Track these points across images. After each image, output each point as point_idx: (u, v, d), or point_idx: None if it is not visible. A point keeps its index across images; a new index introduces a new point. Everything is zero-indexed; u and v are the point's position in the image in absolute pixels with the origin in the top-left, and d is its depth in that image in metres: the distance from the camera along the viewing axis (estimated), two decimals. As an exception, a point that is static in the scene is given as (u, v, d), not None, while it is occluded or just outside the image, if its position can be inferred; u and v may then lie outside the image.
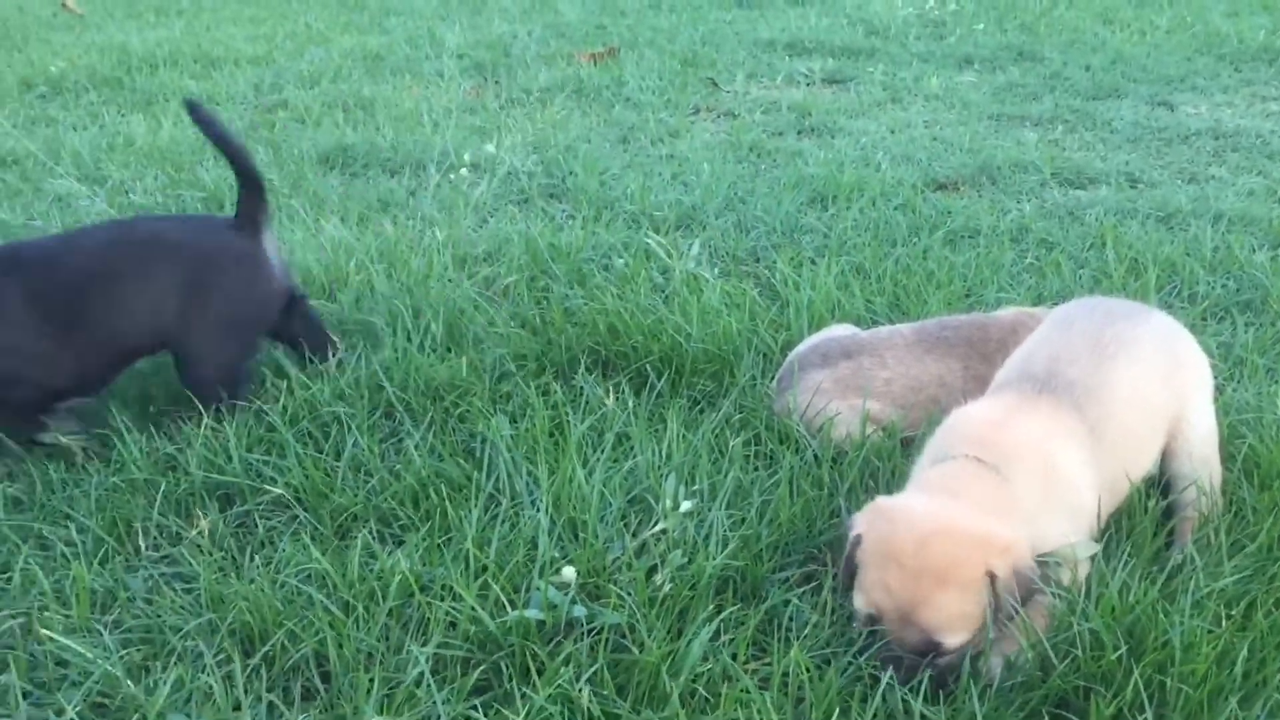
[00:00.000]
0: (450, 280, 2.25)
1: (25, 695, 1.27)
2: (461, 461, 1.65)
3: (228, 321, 1.79)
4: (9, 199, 2.90)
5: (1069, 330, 1.51)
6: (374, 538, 1.51)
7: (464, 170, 3.06)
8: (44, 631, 1.33)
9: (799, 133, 3.55)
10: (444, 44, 4.76)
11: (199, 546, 1.51)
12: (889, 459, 1.65)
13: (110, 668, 1.28)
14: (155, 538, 1.54)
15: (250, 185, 1.81)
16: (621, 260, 2.35)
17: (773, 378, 1.86)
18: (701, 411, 1.81)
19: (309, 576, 1.43)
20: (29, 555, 1.48)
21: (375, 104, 3.82)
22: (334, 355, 1.93)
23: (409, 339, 1.99)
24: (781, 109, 3.78)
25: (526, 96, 3.99)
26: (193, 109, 1.78)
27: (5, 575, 1.47)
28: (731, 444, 1.66)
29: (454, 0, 5.72)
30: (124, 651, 1.32)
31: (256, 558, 1.49)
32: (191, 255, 1.77)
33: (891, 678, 1.25)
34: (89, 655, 1.29)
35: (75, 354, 1.73)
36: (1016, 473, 1.34)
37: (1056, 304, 1.74)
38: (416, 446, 1.68)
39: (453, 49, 4.65)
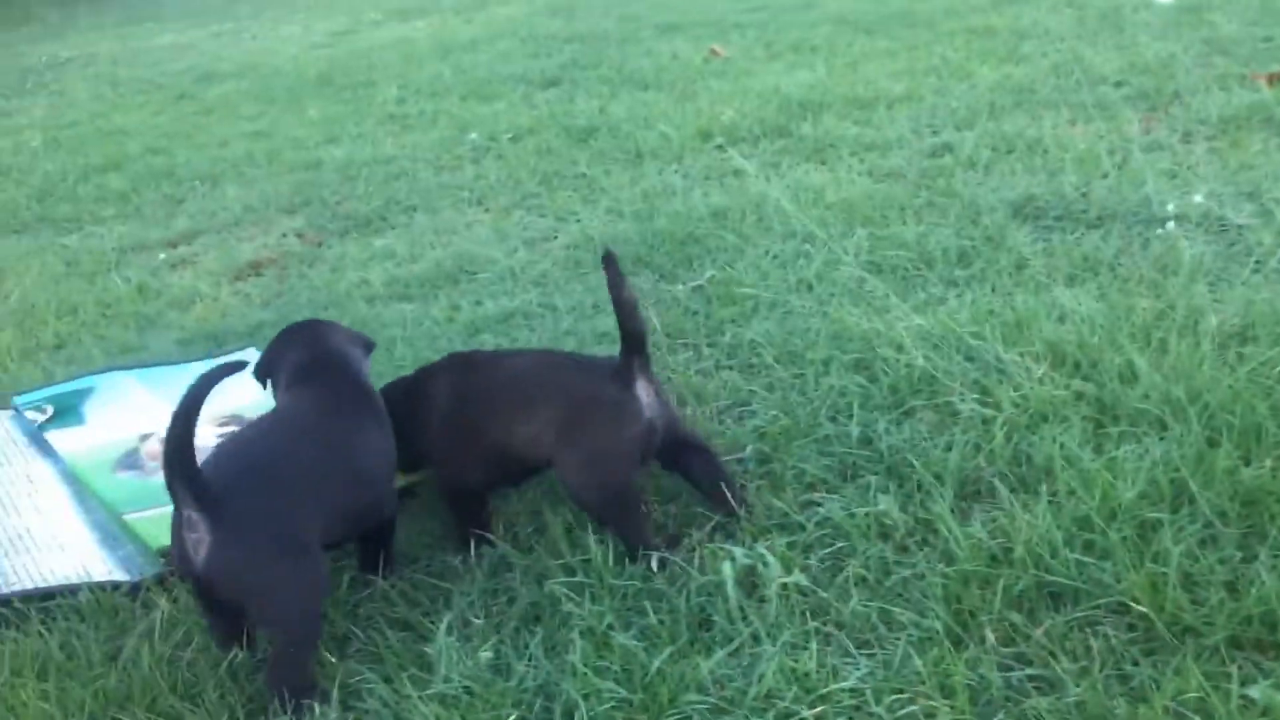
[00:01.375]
0: (1224, 364, 2.16)
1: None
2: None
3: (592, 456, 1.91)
4: (758, 237, 3.21)
5: None
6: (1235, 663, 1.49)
7: (1170, 224, 2.94)
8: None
9: None
10: (1093, 70, 4.61)
11: (1045, 648, 1.58)
12: None
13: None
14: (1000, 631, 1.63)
15: (631, 341, 1.91)
16: None
17: None
18: None
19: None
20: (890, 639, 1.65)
21: (1043, 145, 3.78)
22: (724, 485, 1.98)
23: (1199, 435, 1.94)
24: None
25: (1204, 128, 3.75)
26: (607, 261, 1.89)
27: (869, 651, 1.64)
28: None
29: (1090, 20, 5.52)
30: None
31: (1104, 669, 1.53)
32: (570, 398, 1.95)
33: None
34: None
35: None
36: None
37: None
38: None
39: (1106, 76, 4.48)
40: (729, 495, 1.96)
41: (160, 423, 2.60)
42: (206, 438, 2.54)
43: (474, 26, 9.00)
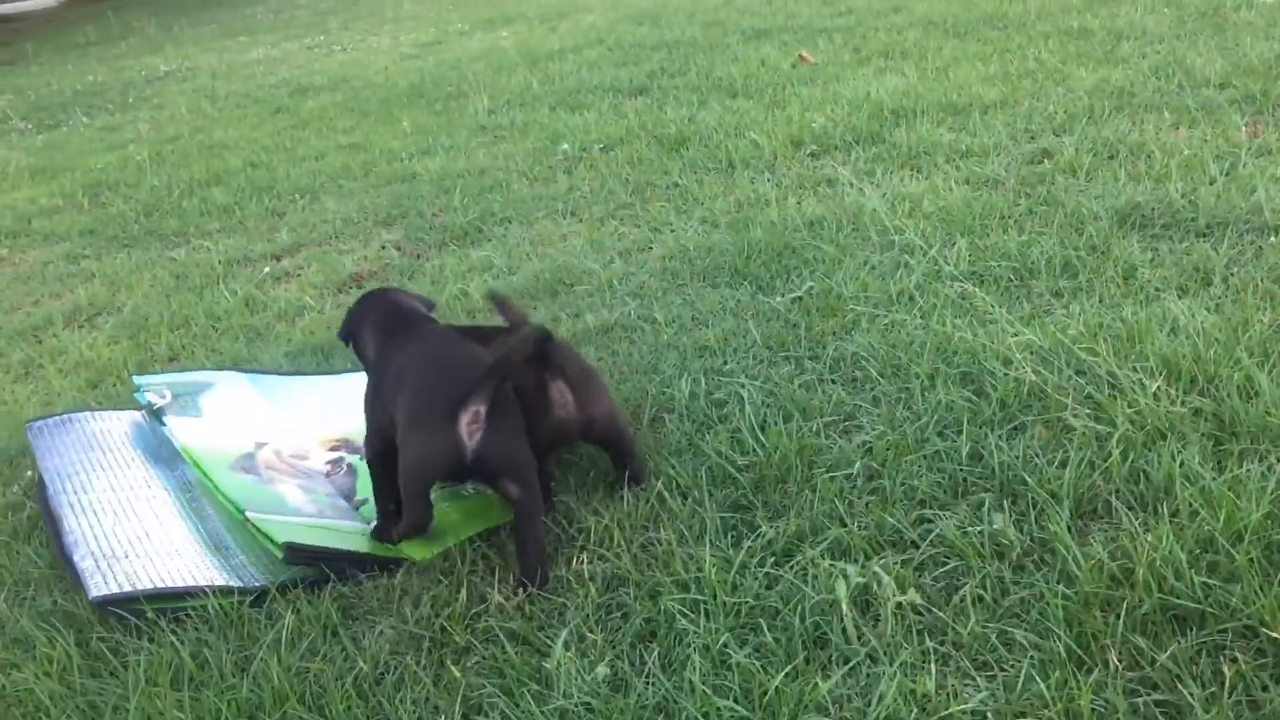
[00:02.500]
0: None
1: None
2: None
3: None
4: (855, 248, 3.20)
5: None
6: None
7: (1283, 232, 2.87)
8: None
9: None
10: (1195, 72, 4.50)
11: (1171, 673, 1.56)
12: None
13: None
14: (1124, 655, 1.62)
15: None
16: None
17: None
18: None
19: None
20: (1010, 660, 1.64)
21: (1146, 150, 3.70)
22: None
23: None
24: None
25: (1315, 132, 3.65)
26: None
27: (988, 673, 1.64)
28: None
29: (1189, 20, 5.39)
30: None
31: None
32: None
33: None
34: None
35: None
36: None
37: None
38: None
39: (1209, 78, 4.38)
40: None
41: (272, 431, 2.69)
42: (317, 460, 2.61)
43: (559, 35, 9.08)
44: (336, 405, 2.79)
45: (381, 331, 2.26)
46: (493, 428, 1.95)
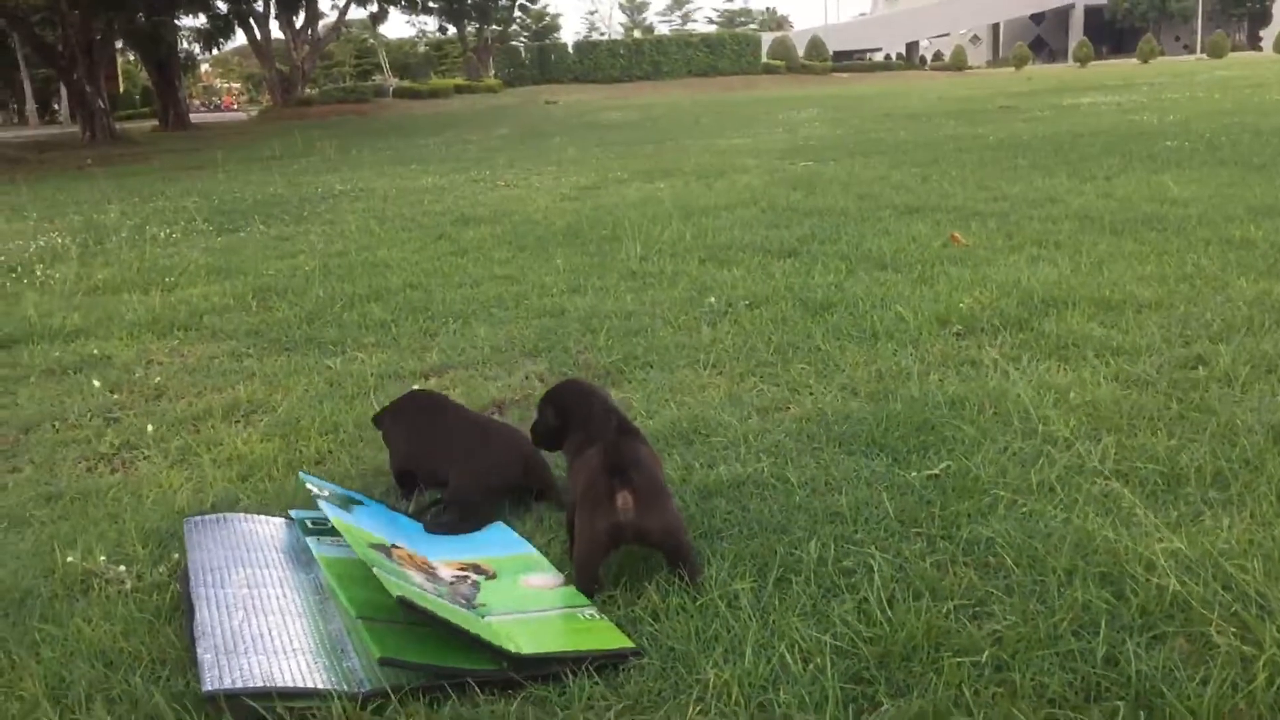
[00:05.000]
0: None
1: None
2: None
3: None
4: (996, 432, 3.17)
5: None
6: None
7: None
8: None
9: None
10: (1364, 293, 4.40)
11: None
12: None
13: None
14: None
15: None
16: None
17: None
18: None
19: None
20: None
21: (1305, 366, 3.62)
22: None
23: None
24: None
25: None
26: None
27: None
28: None
29: (1361, 239, 5.30)
30: None
31: None
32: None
33: None
34: None
35: None
36: None
37: None
38: None
39: (1378, 301, 4.28)
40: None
41: (407, 542, 2.78)
42: (445, 573, 2.68)
43: (715, 192, 9.36)
44: (472, 543, 2.90)
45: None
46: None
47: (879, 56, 78.79)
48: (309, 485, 2.90)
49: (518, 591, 2.58)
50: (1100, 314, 4.52)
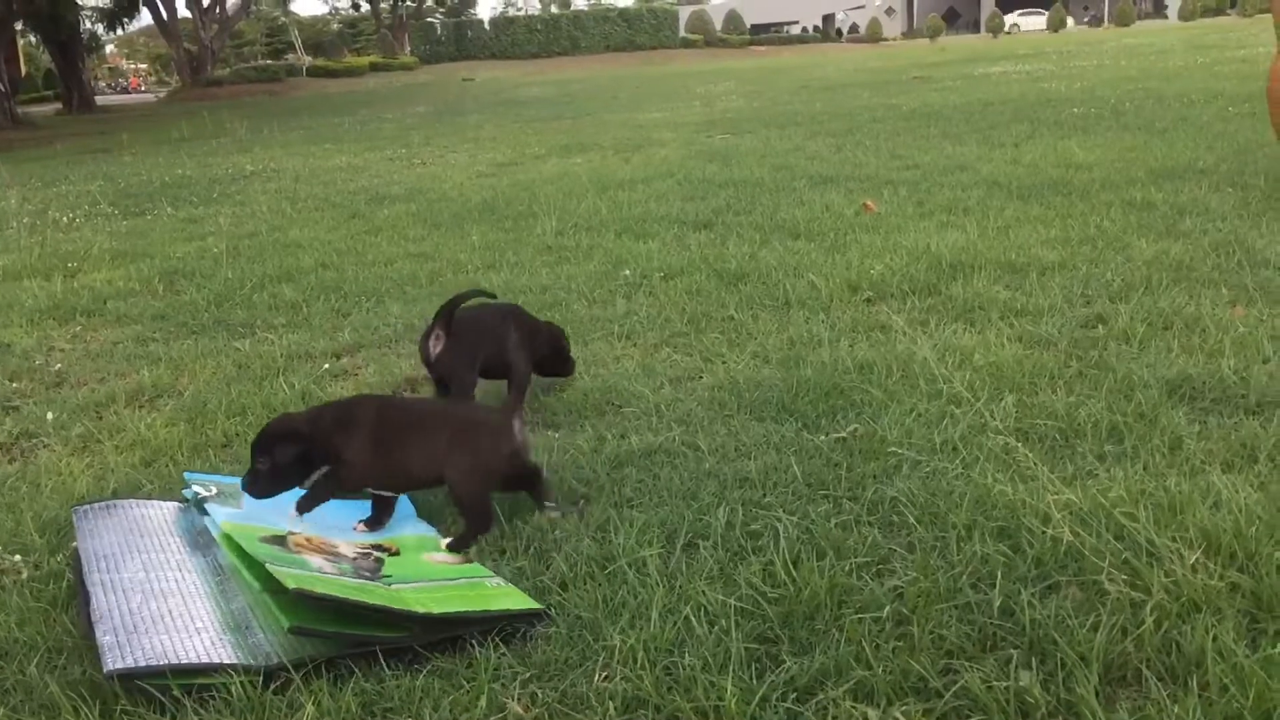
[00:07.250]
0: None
1: None
2: None
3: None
4: (903, 394, 3.23)
5: None
6: None
7: (1334, 416, 2.86)
8: None
9: None
10: (1256, 252, 4.54)
11: None
12: None
13: None
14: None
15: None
16: None
17: None
18: None
19: None
20: None
21: (1201, 324, 3.73)
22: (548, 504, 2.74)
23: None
24: None
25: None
26: None
27: None
28: None
29: (1254, 201, 5.46)
30: None
31: None
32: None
33: None
34: None
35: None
36: None
37: None
38: None
39: (1269, 259, 4.41)
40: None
41: (305, 527, 2.74)
42: (346, 550, 2.66)
43: (632, 166, 9.35)
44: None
45: None
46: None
47: (796, 29, 79.24)
48: (196, 488, 2.85)
49: (422, 565, 2.57)
50: (1006, 277, 4.61)
